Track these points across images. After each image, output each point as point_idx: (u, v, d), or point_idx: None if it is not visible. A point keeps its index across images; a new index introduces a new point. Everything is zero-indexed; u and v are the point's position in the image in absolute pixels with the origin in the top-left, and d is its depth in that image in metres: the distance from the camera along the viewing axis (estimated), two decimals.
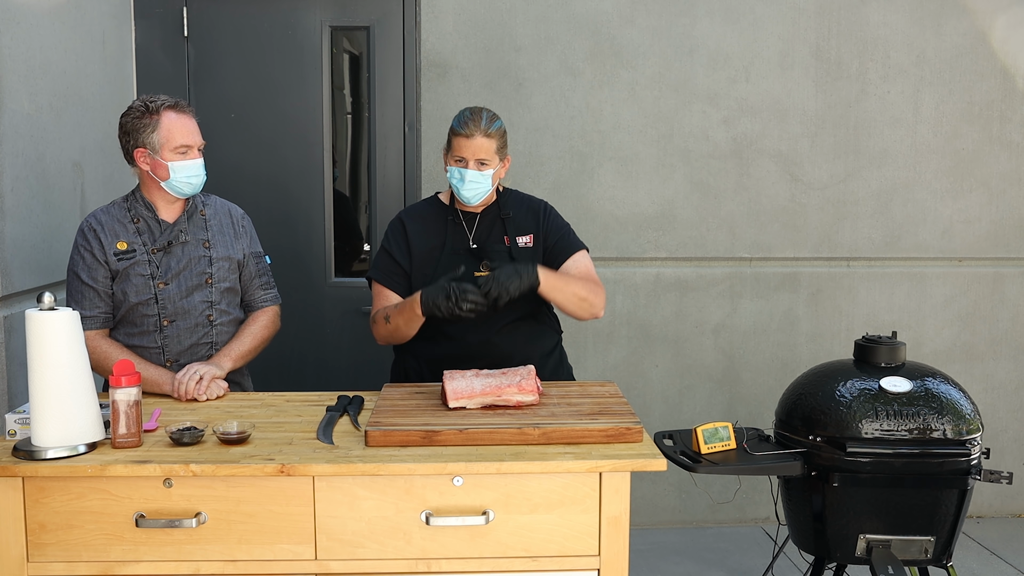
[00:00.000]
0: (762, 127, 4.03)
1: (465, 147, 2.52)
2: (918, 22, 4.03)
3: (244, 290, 2.69)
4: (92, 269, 2.49)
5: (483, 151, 2.52)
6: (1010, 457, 4.26)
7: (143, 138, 2.46)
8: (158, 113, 2.46)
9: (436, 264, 2.61)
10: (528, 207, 2.72)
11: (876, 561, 2.48)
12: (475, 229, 2.65)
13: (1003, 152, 4.13)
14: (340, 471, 1.89)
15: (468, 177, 2.54)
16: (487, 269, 2.58)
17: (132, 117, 2.48)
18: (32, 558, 1.90)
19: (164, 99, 2.49)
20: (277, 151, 3.88)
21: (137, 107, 2.48)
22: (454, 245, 2.62)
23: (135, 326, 2.53)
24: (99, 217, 2.53)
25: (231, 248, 2.63)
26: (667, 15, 3.94)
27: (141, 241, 2.52)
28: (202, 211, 2.62)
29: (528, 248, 2.65)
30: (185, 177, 2.48)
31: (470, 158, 2.53)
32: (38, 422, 1.90)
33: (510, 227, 2.65)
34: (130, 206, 2.55)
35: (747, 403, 4.12)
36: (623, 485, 1.93)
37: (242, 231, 2.69)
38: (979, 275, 4.19)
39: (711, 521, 4.18)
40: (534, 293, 2.56)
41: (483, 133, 2.52)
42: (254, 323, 2.67)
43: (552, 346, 2.75)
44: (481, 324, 2.59)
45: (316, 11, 3.85)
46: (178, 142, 2.46)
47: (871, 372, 2.60)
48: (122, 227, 2.52)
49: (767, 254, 4.09)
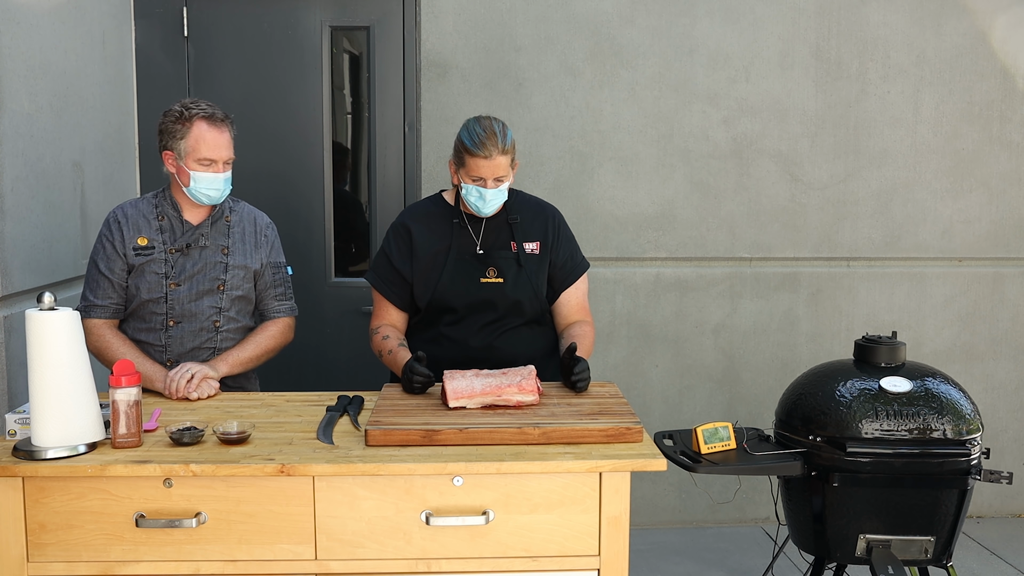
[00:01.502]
0: (762, 127, 4.03)
1: (484, 167, 2.48)
2: (918, 22, 4.03)
3: (259, 299, 2.69)
4: (111, 260, 2.52)
5: (501, 169, 2.50)
6: (1010, 457, 4.26)
7: (172, 142, 2.48)
8: (191, 121, 2.46)
9: (443, 270, 2.59)
10: (536, 212, 2.70)
11: (876, 561, 2.48)
12: (482, 234, 2.63)
13: (1003, 152, 4.13)
14: (340, 471, 1.89)
15: (488, 196, 2.52)
16: (495, 276, 2.58)
17: (168, 119, 2.49)
18: (32, 558, 1.90)
19: (202, 108, 2.48)
20: (277, 151, 3.88)
21: (175, 110, 2.49)
22: (460, 250, 2.61)
23: (143, 322, 2.55)
24: (126, 210, 2.56)
25: (249, 257, 2.63)
26: (667, 15, 3.94)
27: (162, 239, 2.53)
28: (227, 217, 2.62)
29: (535, 255, 2.64)
30: (204, 188, 2.49)
31: (489, 177, 2.50)
32: (38, 422, 1.90)
33: (518, 233, 2.64)
34: (158, 203, 2.57)
35: (747, 403, 4.12)
36: (623, 485, 1.93)
37: (264, 240, 2.67)
38: (979, 275, 4.19)
39: (711, 521, 4.18)
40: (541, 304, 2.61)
41: (500, 151, 2.48)
42: (261, 332, 2.67)
43: (552, 348, 2.74)
44: (483, 329, 2.59)
45: (316, 11, 3.85)
46: (203, 154, 2.46)
47: (871, 372, 2.60)
48: (146, 223, 2.54)
49: (767, 254, 4.09)
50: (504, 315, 2.60)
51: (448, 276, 2.58)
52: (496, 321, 2.60)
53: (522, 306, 2.61)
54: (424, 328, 2.66)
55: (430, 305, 2.60)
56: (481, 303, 2.58)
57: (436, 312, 2.61)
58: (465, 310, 2.59)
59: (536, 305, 2.63)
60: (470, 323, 2.59)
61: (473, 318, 2.59)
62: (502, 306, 2.59)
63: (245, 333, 2.66)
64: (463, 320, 2.59)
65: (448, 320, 2.61)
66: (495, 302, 2.58)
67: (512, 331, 2.62)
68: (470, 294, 2.58)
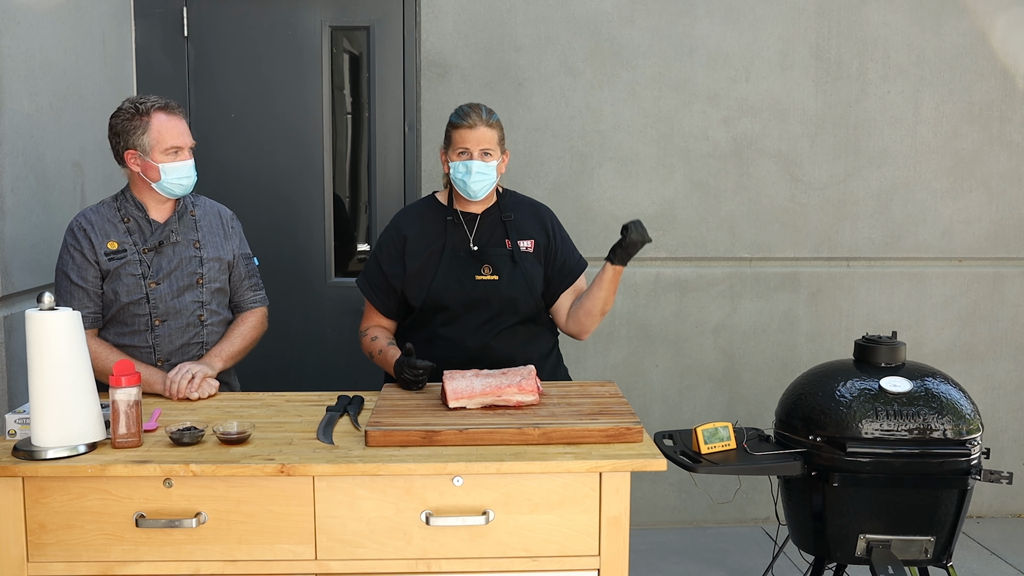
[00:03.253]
0: (762, 127, 4.03)
1: (468, 137, 2.52)
2: (918, 22, 4.03)
3: (233, 291, 2.69)
4: (82, 269, 2.48)
5: (486, 140, 2.52)
6: (1010, 457, 4.26)
7: (133, 140, 2.45)
8: (148, 115, 2.44)
9: (437, 268, 2.59)
10: (530, 211, 2.71)
11: (876, 561, 2.48)
12: (475, 230, 2.64)
13: (1003, 152, 4.13)
14: (340, 471, 1.89)
15: (475, 168, 2.52)
16: (489, 273, 2.59)
17: (122, 119, 2.46)
18: (32, 558, 1.90)
19: (154, 100, 2.47)
20: (277, 151, 3.88)
21: (127, 108, 2.46)
22: (454, 247, 2.61)
23: (126, 325, 2.53)
24: (89, 217, 2.52)
25: (221, 249, 2.63)
26: (667, 15, 3.94)
27: (132, 241, 2.51)
28: (192, 211, 2.62)
29: (529, 253, 2.65)
30: (176, 179, 2.48)
31: (474, 148, 2.52)
32: (38, 422, 1.90)
33: (512, 230, 2.65)
34: (120, 206, 2.54)
35: (747, 403, 4.12)
36: (623, 485, 1.93)
37: (232, 232, 2.68)
38: (979, 275, 4.19)
39: (711, 521, 4.18)
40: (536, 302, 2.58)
41: (485, 123, 2.52)
42: (243, 324, 2.67)
43: (549, 348, 2.74)
44: (479, 328, 2.59)
45: (316, 11, 3.85)
46: (168, 144, 2.45)
47: (871, 372, 2.60)
48: (112, 227, 2.51)
49: (767, 254, 4.09)
50: (499, 313, 2.60)
51: (442, 274, 2.58)
52: (491, 320, 2.60)
53: (517, 303, 2.61)
54: (419, 328, 2.65)
55: (424, 304, 2.60)
56: (475, 301, 2.58)
57: (431, 311, 2.61)
58: (459, 308, 2.59)
59: (531, 303, 2.63)
60: (465, 322, 2.59)
61: (468, 317, 2.59)
62: (497, 304, 2.59)
63: (226, 325, 2.66)
64: (458, 319, 2.59)
65: (443, 319, 2.61)
66: (489, 300, 2.58)
67: (508, 330, 2.62)
68: (465, 292, 2.58)
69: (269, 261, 3.55)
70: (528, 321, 2.66)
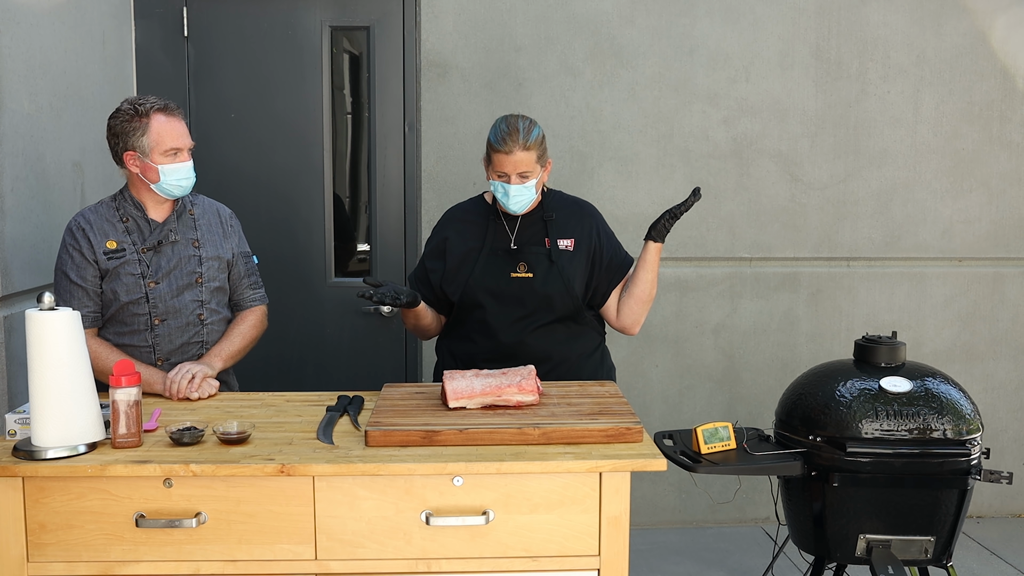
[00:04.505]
0: (762, 127, 4.03)
1: (505, 163, 2.53)
2: (918, 22, 4.03)
3: (232, 290, 2.69)
4: (81, 268, 2.48)
5: (524, 164, 2.54)
6: (1010, 457, 4.26)
7: (132, 141, 2.44)
8: (147, 116, 2.44)
9: (474, 265, 2.64)
10: (574, 210, 2.75)
11: (876, 561, 2.48)
12: (517, 230, 2.68)
13: (1003, 152, 4.13)
14: (340, 471, 1.89)
15: (512, 192, 2.56)
16: (524, 271, 2.63)
17: (121, 120, 2.45)
18: (32, 558, 1.90)
19: (153, 101, 2.47)
20: (277, 151, 3.88)
21: (126, 110, 2.46)
22: (494, 245, 2.66)
23: (125, 325, 2.53)
24: (88, 216, 2.52)
25: (220, 248, 2.63)
26: (667, 15, 3.94)
27: (131, 240, 2.51)
28: (191, 210, 2.62)
29: (568, 251, 2.68)
30: (175, 180, 2.48)
31: (512, 172, 2.54)
32: (38, 422, 1.90)
33: (552, 229, 2.68)
34: (119, 205, 2.54)
35: (747, 403, 4.12)
36: (623, 485, 1.93)
37: (231, 230, 2.69)
38: (979, 275, 4.19)
39: (711, 521, 4.18)
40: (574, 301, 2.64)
41: (522, 147, 2.52)
42: (243, 323, 2.67)
43: (592, 347, 2.78)
44: (513, 325, 2.62)
45: (316, 11, 3.85)
46: (168, 145, 2.45)
47: (871, 372, 2.60)
48: (111, 226, 2.51)
49: (767, 254, 4.09)
50: (534, 311, 2.64)
51: (479, 270, 2.64)
52: (526, 317, 2.64)
53: (552, 301, 2.64)
54: (458, 324, 2.72)
55: (462, 300, 2.67)
56: (509, 297, 2.63)
57: (468, 307, 2.67)
58: (494, 305, 2.64)
59: (568, 302, 2.66)
60: (500, 318, 2.64)
61: (502, 313, 2.64)
62: (531, 302, 2.63)
63: (226, 324, 2.66)
64: (493, 315, 2.64)
65: (479, 316, 2.66)
66: (523, 297, 2.63)
67: (544, 328, 2.65)
68: (499, 288, 2.63)
69: (269, 261, 3.55)
70: (567, 319, 2.69)
